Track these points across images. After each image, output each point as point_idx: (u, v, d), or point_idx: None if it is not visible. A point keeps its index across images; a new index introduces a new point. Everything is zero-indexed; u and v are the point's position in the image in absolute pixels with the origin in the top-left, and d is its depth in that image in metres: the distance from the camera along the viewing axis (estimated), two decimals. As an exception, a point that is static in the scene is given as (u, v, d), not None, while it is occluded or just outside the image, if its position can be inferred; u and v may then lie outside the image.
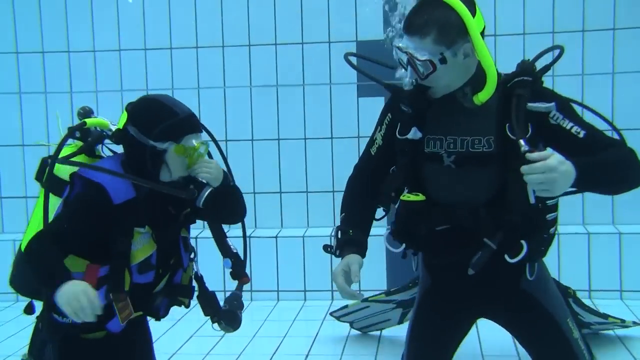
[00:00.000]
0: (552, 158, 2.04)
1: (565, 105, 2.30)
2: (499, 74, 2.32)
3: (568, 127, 2.24)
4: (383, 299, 4.45)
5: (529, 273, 2.39)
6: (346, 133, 5.66)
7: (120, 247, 2.43)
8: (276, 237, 5.59)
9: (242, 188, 2.81)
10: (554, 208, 2.37)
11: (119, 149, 2.62)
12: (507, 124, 2.25)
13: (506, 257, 2.28)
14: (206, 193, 2.56)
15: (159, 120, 2.47)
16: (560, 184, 2.06)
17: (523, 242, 2.27)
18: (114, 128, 2.63)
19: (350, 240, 2.46)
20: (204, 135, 2.63)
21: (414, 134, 2.37)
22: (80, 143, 2.64)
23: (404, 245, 2.49)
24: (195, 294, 2.77)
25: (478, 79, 2.27)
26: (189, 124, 2.53)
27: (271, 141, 5.76)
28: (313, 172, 5.73)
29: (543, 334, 2.45)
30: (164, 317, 2.69)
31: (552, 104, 2.24)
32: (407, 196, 2.37)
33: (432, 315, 2.57)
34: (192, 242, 2.74)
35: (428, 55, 2.22)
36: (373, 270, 5.42)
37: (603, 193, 2.38)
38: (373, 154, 2.55)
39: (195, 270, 2.75)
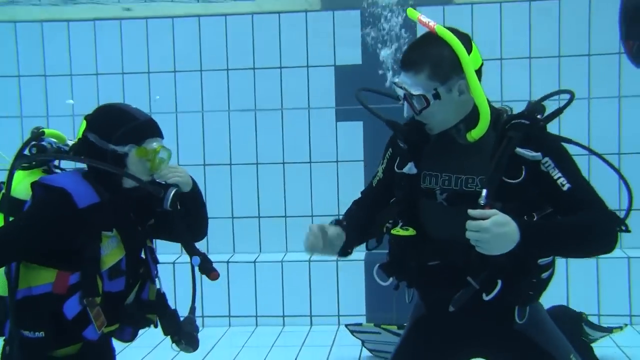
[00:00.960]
0: (489, 220, 2.05)
1: (559, 153, 2.25)
2: (501, 113, 2.30)
3: (555, 177, 2.20)
4: (394, 331, 4.44)
5: (518, 317, 2.35)
6: (325, 157, 5.66)
7: (89, 252, 2.40)
8: (254, 262, 5.55)
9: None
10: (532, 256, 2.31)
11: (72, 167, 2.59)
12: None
13: (483, 294, 2.25)
14: (171, 194, 2.54)
15: (119, 124, 2.48)
16: (493, 246, 2.07)
17: (498, 280, 2.23)
18: (70, 143, 2.61)
19: (340, 223, 2.44)
20: (166, 142, 2.61)
21: (409, 168, 2.36)
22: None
23: (391, 279, 2.46)
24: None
25: (473, 116, 2.25)
26: (149, 127, 2.54)
27: (249, 165, 5.74)
28: (291, 197, 5.71)
29: None
30: (132, 340, 2.64)
31: (539, 154, 2.20)
32: (397, 230, 2.37)
33: (421, 344, 2.53)
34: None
35: (422, 90, 2.21)
36: (352, 295, 5.40)
37: (563, 257, 2.35)
38: (374, 185, 2.58)
39: (159, 287, 2.70)
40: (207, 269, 2.69)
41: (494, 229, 2.05)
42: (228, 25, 5.71)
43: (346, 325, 4.79)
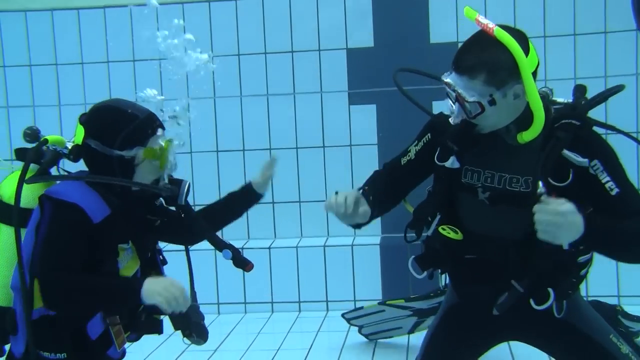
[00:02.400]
0: (565, 205, 2.01)
1: (608, 156, 2.21)
2: (549, 110, 2.24)
3: (603, 181, 2.16)
4: (401, 304, 4.42)
5: (557, 311, 2.31)
6: (338, 141, 5.62)
7: (107, 268, 2.33)
8: (269, 247, 5.53)
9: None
10: (588, 250, 2.30)
11: (74, 168, 2.52)
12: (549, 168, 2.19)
13: (532, 303, 2.23)
14: (185, 188, 2.49)
15: (120, 127, 2.38)
16: (564, 232, 2.03)
17: (550, 289, 2.22)
18: (69, 145, 2.51)
19: (366, 195, 2.34)
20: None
21: (452, 163, 2.31)
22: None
23: (426, 272, 2.43)
24: None
25: (525, 117, 2.19)
26: (152, 123, 2.46)
27: (262, 151, 5.71)
28: (305, 182, 5.68)
29: (586, 357, 2.39)
30: (137, 340, 2.60)
31: (586, 160, 2.16)
32: (447, 231, 2.33)
33: (456, 327, 2.52)
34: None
35: (477, 96, 2.14)
36: (368, 280, 5.37)
37: (612, 259, 2.29)
38: (402, 164, 2.50)
39: None
40: (241, 261, 2.65)
41: (569, 216, 2.01)
42: (239, 9, 5.66)
43: (342, 315, 4.74)
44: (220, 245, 2.64)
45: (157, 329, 2.60)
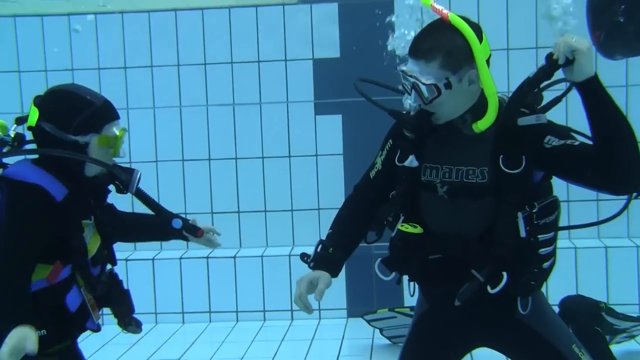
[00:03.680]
0: None
1: (556, 128, 2.27)
2: (502, 103, 2.28)
3: (563, 143, 2.20)
4: (407, 313, 4.45)
5: (522, 307, 2.35)
6: (304, 151, 5.64)
7: (76, 243, 2.36)
8: (234, 257, 5.52)
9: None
10: (549, 243, 2.31)
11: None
12: (502, 156, 2.23)
13: (488, 287, 2.25)
14: (137, 177, 2.50)
15: (77, 112, 2.38)
16: (587, 59, 2.05)
17: (503, 273, 2.23)
18: (12, 133, 2.52)
19: (327, 257, 2.41)
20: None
21: (410, 161, 2.34)
22: None
23: (394, 273, 2.44)
24: None
25: (480, 106, 2.24)
26: (108, 111, 2.46)
27: (228, 160, 5.71)
28: (271, 191, 5.69)
29: None
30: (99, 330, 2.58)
31: (545, 116, 2.21)
32: (405, 227, 2.34)
33: (427, 339, 2.54)
34: (122, 264, 2.66)
35: (433, 79, 2.19)
36: (332, 289, 5.37)
37: (613, 131, 2.11)
38: (372, 177, 2.52)
39: (109, 267, 2.65)
40: (191, 228, 2.68)
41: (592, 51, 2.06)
42: (205, 18, 5.67)
43: (362, 316, 4.79)
44: (168, 215, 2.65)
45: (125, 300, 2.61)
